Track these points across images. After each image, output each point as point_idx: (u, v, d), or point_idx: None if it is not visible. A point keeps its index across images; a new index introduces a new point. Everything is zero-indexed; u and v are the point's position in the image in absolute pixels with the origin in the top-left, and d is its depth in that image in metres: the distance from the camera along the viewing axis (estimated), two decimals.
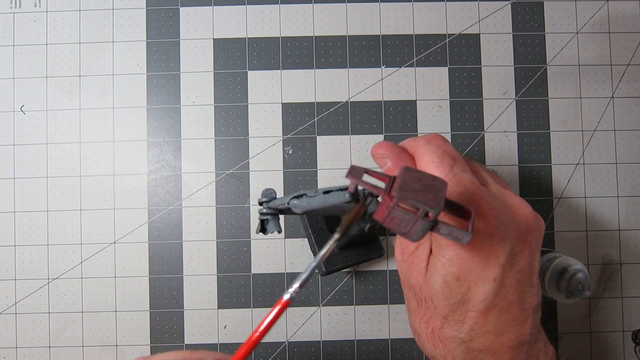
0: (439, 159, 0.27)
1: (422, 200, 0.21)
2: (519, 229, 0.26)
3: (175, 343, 0.45)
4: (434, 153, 0.27)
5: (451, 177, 0.26)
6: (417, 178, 0.22)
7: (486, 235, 0.25)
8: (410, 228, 0.22)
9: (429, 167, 0.27)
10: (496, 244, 0.25)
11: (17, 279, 0.45)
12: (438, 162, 0.27)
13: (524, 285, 0.26)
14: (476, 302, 0.26)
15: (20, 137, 0.46)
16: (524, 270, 0.26)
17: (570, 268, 0.38)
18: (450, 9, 0.47)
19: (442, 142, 0.28)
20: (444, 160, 0.27)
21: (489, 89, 0.47)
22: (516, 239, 0.26)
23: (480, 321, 0.26)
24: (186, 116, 0.46)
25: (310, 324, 0.45)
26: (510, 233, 0.26)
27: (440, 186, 0.22)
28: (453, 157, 0.27)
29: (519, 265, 0.26)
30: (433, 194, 0.21)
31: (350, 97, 0.46)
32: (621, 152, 0.46)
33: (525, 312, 0.27)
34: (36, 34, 0.46)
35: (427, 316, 0.28)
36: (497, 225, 0.25)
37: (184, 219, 0.45)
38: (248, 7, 0.47)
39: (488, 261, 0.25)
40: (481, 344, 0.27)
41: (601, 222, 0.46)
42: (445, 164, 0.26)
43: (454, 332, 0.27)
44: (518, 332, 0.26)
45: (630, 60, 0.47)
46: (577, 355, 0.45)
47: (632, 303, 0.46)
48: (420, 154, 0.28)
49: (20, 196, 0.45)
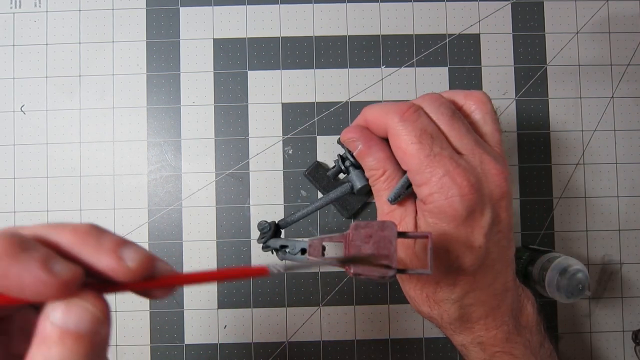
0: (417, 139, 0.27)
1: (374, 270, 0.23)
2: (496, 196, 0.28)
3: (175, 343, 0.45)
4: (410, 133, 0.27)
5: (432, 159, 0.27)
6: (367, 235, 0.23)
7: (470, 211, 0.27)
8: (376, 279, 0.24)
9: (408, 148, 0.27)
10: (478, 216, 0.27)
11: None
12: (417, 144, 0.27)
13: (503, 242, 0.29)
14: (465, 267, 0.28)
15: (20, 137, 0.46)
16: (502, 230, 0.28)
17: (570, 268, 0.38)
18: (450, 9, 0.47)
19: (415, 118, 0.28)
20: (423, 140, 0.27)
21: (489, 89, 0.47)
22: (494, 205, 0.28)
23: (470, 282, 0.29)
24: (186, 116, 0.46)
25: (310, 324, 0.45)
26: (489, 202, 0.27)
27: (391, 236, 0.23)
28: (431, 134, 0.27)
29: (498, 227, 0.28)
30: (385, 251, 0.23)
31: (350, 97, 0.46)
32: (621, 152, 0.46)
33: (506, 262, 0.30)
34: (36, 34, 0.46)
35: (421, 283, 0.30)
36: (477, 199, 0.27)
37: (184, 219, 0.45)
38: (248, 7, 0.47)
39: (473, 232, 0.27)
40: (472, 298, 0.29)
41: (601, 222, 0.46)
42: (425, 145, 0.27)
43: (447, 295, 0.29)
44: (502, 281, 0.29)
45: (630, 60, 0.47)
46: (577, 355, 0.45)
47: (632, 303, 0.46)
48: (395, 133, 0.28)
49: (20, 196, 0.45)
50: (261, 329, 0.45)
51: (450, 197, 0.26)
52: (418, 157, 0.27)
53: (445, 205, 0.27)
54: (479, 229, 0.27)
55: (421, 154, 0.27)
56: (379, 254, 0.23)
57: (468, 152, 0.28)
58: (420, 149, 0.27)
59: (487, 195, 0.27)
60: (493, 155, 0.28)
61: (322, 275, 0.45)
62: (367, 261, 0.23)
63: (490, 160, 0.28)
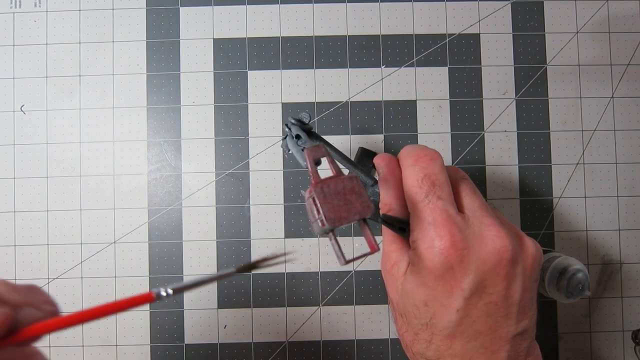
0: (417, 183, 0.27)
1: (325, 208, 0.23)
2: (488, 262, 0.26)
3: (175, 343, 0.45)
4: (415, 176, 0.28)
5: (424, 205, 0.27)
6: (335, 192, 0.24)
7: (447, 267, 0.26)
8: (311, 222, 0.25)
9: (409, 190, 0.28)
10: (459, 276, 0.26)
11: (17, 279, 0.45)
12: (416, 187, 0.27)
13: (496, 317, 0.26)
14: (441, 327, 0.27)
15: (20, 137, 0.46)
16: (495, 302, 0.26)
17: (570, 268, 0.38)
18: (450, 9, 0.47)
19: (427, 164, 0.28)
20: (422, 185, 0.27)
21: (489, 89, 0.47)
22: (485, 271, 0.26)
23: (445, 345, 0.27)
24: (186, 116, 0.46)
25: (310, 324, 0.45)
26: (476, 266, 0.26)
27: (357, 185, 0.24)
28: (433, 181, 0.27)
29: (489, 297, 0.26)
30: (343, 208, 0.23)
31: (350, 97, 0.46)
32: (621, 152, 0.46)
33: (499, 341, 0.27)
34: (36, 34, 0.46)
35: (403, 329, 0.29)
36: (459, 257, 0.25)
37: (184, 219, 0.45)
38: (248, 7, 0.47)
39: (452, 292, 0.26)
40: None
41: (601, 222, 0.46)
42: (422, 190, 0.27)
43: (422, 350, 0.28)
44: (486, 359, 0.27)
45: (630, 60, 0.47)
46: (577, 355, 0.45)
47: (632, 303, 0.46)
48: (405, 174, 0.29)
49: (20, 196, 0.45)
50: (261, 329, 0.45)
51: (429, 248, 0.26)
52: (413, 201, 0.27)
53: (423, 255, 0.26)
54: (458, 291, 0.26)
55: (416, 198, 0.27)
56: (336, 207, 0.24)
57: (470, 213, 0.27)
58: (417, 193, 0.27)
59: (475, 256, 0.26)
60: (499, 223, 0.27)
61: (322, 275, 0.45)
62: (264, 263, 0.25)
63: (492, 224, 0.26)
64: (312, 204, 0.24)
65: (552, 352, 0.45)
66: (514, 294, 0.26)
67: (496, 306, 0.26)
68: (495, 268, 0.26)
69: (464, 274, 0.26)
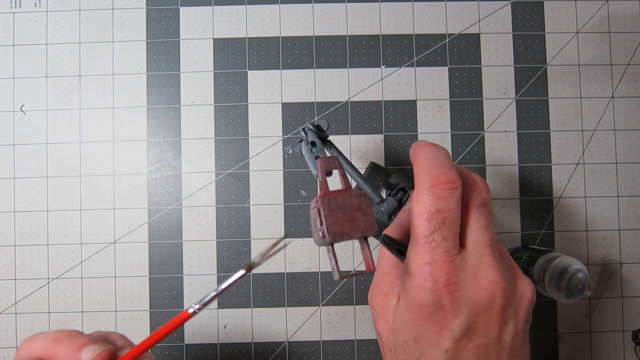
0: (427, 215, 0.25)
1: (329, 221, 0.23)
2: (481, 305, 0.25)
3: (175, 343, 0.45)
4: (427, 207, 0.26)
5: (427, 241, 0.25)
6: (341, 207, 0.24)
7: (438, 306, 0.25)
8: (313, 232, 0.25)
9: (416, 218, 0.26)
10: (449, 317, 0.25)
11: (17, 279, 0.45)
12: (424, 220, 0.26)
13: (487, 359, 0.26)
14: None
15: (20, 137, 0.46)
16: (486, 344, 0.26)
17: (570, 268, 0.38)
18: (450, 9, 0.47)
19: (444, 195, 0.26)
20: (431, 220, 0.25)
21: (489, 89, 0.47)
22: (477, 314, 0.25)
23: None
24: (186, 116, 0.46)
25: (310, 324, 0.45)
26: (468, 308, 0.25)
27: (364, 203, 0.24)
28: (444, 219, 0.25)
29: (480, 340, 0.25)
30: (347, 224, 0.24)
31: (350, 97, 0.46)
32: (621, 152, 0.46)
33: None
34: (36, 33, 0.46)
35: (397, 357, 0.28)
36: (451, 298, 0.25)
37: (184, 219, 0.45)
38: (248, 7, 0.47)
39: (441, 332, 0.25)
40: None
41: (601, 222, 0.46)
42: (430, 225, 0.25)
43: None
44: None
45: (630, 60, 0.47)
46: (577, 355, 0.45)
47: (632, 303, 0.46)
48: (416, 195, 0.26)
49: (20, 196, 0.45)
50: (261, 329, 0.45)
51: (421, 287, 0.25)
52: (417, 233, 0.26)
53: (414, 292, 0.25)
54: (447, 331, 0.25)
55: (422, 232, 0.26)
56: (340, 222, 0.24)
57: (472, 248, 0.26)
58: (423, 226, 0.25)
59: (468, 298, 0.25)
60: (500, 263, 0.26)
61: (322, 275, 0.45)
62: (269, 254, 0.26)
63: (492, 264, 0.26)
64: (316, 214, 0.24)
65: (552, 352, 0.45)
66: (506, 338, 0.26)
67: (486, 349, 0.26)
68: (488, 311, 0.25)
69: (455, 315, 0.25)
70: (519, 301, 0.27)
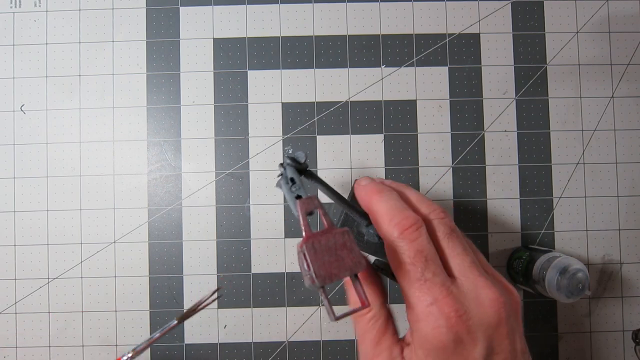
0: (410, 260, 0.26)
1: (315, 265, 0.23)
2: (492, 325, 0.26)
3: (175, 343, 0.45)
4: (406, 253, 0.26)
5: (422, 284, 0.26)
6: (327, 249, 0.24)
7: (458, 342, 0.25)
8: (303, 275, 0.24)
9: (400, 268, 0.26)
10: (470, 348, 0.25)
11: (17, 279, 0.45)
12: (410, 265, 0.26)
13: None
14: None
15: (20, 137, 0.46)
16: (505, 359, 0.26)
17: (570, 268, 0.38)
18: (450, 9, 0.47)
19: (414, 236, 0.27)
20: (416, 262, 0.26)
21: (489, 89, 0.47)
22: (491, 335, 0.26)
23: None
24: (186, 116, 0.46)
25: (310, 324, 0.45)
26: (482, 332, 0.25)
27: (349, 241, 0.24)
28: (426, 257, 0.26)
29: (499, 357, 0.26)
30: (334, 265, 0.24)
31: (350, 96, 0.46)
32: (621, 151, 0.46)
33: None
34: (36, 33, 0.46)
35: None
36: (465, 328, 0.25)
37: (184, 219, 0.45)
38: (248, 6, 0.47)
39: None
40: None
41: (601, 222, 0.46)
42: (417, 268, 0.26)
43: None
44: None
45: (631, 59, 0.47)
46: (577, 355, 0.45)
47: (632, 303, 0.46)
48: (391, 248, 0.27)
49: (20, 196, 0.45)
50: (261, 329, 0.45)
51: (437, 328, 0.25)
52: (409, 280, 0.26)
53: (430, 335, 0.25)
54: (471, 358, 0.25)
55: (412, 276, 0.26)
56: (326, 264, 0.23)
57: (461, 275, 0.27)
58: (412, 271, 0.26)
59: (479, 323, 0.25)
60: (490, 279, 0.27)
61: None
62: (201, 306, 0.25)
63: (485, 284, 0.26)
64: (302, 259, 0.24)
65: (552, 352, 0.45)
66: (517, 346, 0.27)
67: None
68: (498, 329, 0.26)
69: (474, 344, 0.25)
70: (514, 308, 0.27)
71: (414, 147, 0.46)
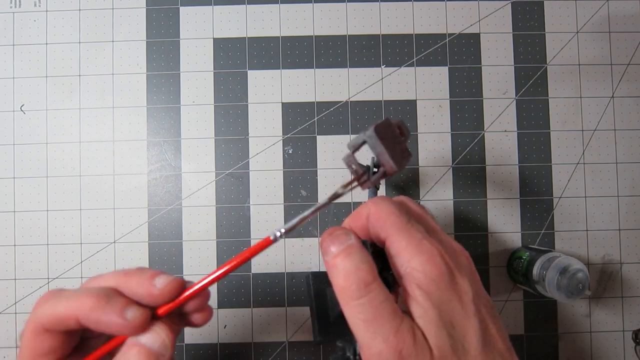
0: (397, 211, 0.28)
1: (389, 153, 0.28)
2: (468, 270, 0.28)
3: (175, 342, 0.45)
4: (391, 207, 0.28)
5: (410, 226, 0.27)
6: (392, 135, 0.29)
7: (450, 273, 0.26)
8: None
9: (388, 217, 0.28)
10: (460, 281, 0.27)
11: (17, 279, 0.45)
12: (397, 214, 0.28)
13: (495, 317, 0.27)
14: (473, 344, 0.26)
15: (20, 137, 0.46)
16: (486, 305, 0.27)
17: (570, 268, 0.38)
18: (450, 9, 0.47)
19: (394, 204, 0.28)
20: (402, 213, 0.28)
21: (489, 89, 0.47)
22: (470, 276, 0.27)
23: None
24: (186, 116, 0.46)
25: (310, 324, 0.45)
26: (464, 271, 0.27)
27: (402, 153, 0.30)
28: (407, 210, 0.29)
29: (482, 300, 0.27)
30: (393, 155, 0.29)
31: (350, 96, 0.46)
32: (621, 151, 0.46)
33: (507, 343, 0.27)
34: (36, 33, 0.46)
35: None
36: (454, 262, 0.27)
37: (184, 219, 0.45)
38: (248, 6, 0.47)
39: (462, 299, 0.26)
40: None
41: (601, 222, 0.46)
42: (403, 216, 0.28)
43: None
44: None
45: (631, 59, 0.47)
46: (577, 355, 0.45)
47: (632, 303, 0.46)
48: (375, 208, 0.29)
49: (20, 196, 0.45)
50: (261, 329, 0.45)
51: (432, 257, 0.26)
52: (397, 224, 0.27)
53: (427, 268, 0.26)
54: (465, 295, 0.26)
55: (401, 221, 0.27)
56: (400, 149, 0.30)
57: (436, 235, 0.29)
58: (399, 217, 0.28)
59: (459, 264, 0.27)
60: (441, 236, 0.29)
61: None
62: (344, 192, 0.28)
63: (452, 240, 0.29)
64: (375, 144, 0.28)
65: (552, 352, 0.45)
66: (487, 295, 0.29)
67: (487, 308, 0.27)
68: (474, 275, 0.28)
69: (463, 279, 0.27)
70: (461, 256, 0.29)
71: (414, 147, 0.46)
